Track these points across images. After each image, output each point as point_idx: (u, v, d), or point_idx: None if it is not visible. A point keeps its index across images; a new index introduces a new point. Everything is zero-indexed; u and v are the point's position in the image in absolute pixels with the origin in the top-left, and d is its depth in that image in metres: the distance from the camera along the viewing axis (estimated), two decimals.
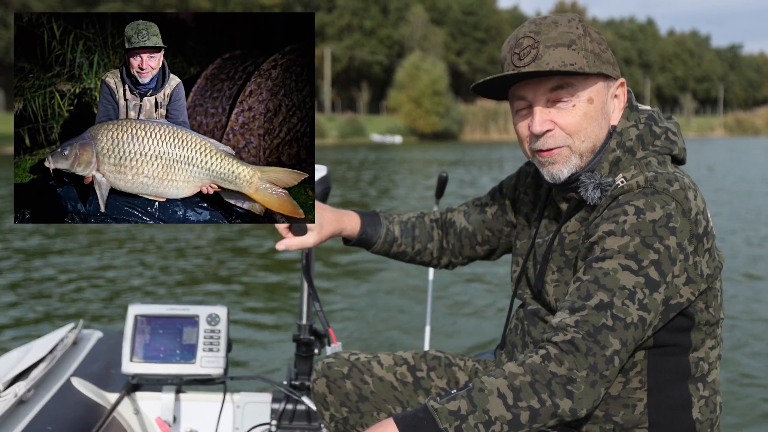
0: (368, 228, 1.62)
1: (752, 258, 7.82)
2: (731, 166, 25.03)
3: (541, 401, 1.12)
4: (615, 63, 1.32)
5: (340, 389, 1.47)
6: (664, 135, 1.33)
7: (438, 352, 1.55)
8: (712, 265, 1.25)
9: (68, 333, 2.11)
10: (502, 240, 1.63)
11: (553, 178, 1.31)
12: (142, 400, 1.99)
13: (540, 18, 1.30)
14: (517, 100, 1.32)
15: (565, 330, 1.15)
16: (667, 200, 1.20)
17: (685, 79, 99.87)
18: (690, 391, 1.29)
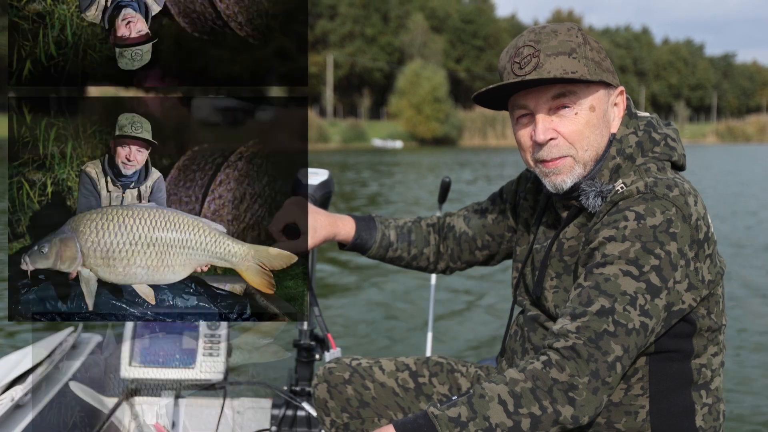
0: (363, 232, 1.61)
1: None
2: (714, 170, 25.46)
3: (542, 408, 1.11)
4: (614, 71, 1.33)
5: (341, 395, 1.46)
6: (663, 141, 1.32)
7: (440, 358, 1.54)
8: (713, 270, 1.24)
9: (67, 337, 2.10)
10: (503, 245, 1.63)
11: (556, 188, 1.31)
12: (140, 405, 1.98)
13: (539, 27, 1.30)
14: (518, 109, 1.32)
15: (567, 336, 1.15)
16: (667, 206, 1.19)
17: (679, 86, 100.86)
18: (693, 398, 1.28)
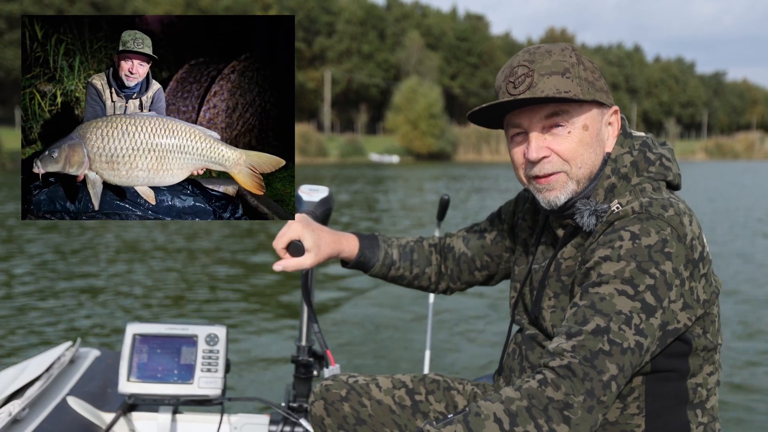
0: (366, 251, 1.62)
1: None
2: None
3: (537, 426, 1.11)
4: (608, 91, 1.34)
5: (338, 412, 1.46)
6: (658, 161, 1.34)
7: (437, 375, 1.55)
8: (708, 290, 1.25)
9: (65, 351, 2.11)
10: (501, 265, 1.64)
11: (549, 204, 1.33)
12: (138, 420, 1.97)
13: (534, 47, 1.32)
14: (512, 128, 1.34)
15: (562, 355, 1.15)
16: (662, 225, 1.21)
17: (670, 104, 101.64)
18: (688, 417, 1.28)
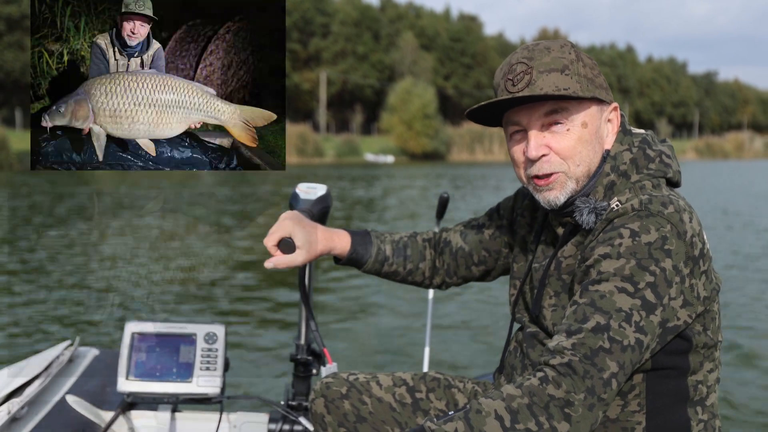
0: (359, 247, 1.62)
1: None
2: None
3: (538, 424, 1.11)
4: (608, 88, 1.34)
5: (338, 409, 1.46)
6: (658, 158, 1.34)
7: (437, 373, 1.55)
8: (708, 287, 1.25)
9: (64, 350, 2.10)
10: (499, 261, 1.63)
11: (549, 204, 1.32)
12: (137, 419, 1.97)
13: (532, 44, 1.32)
14: (511, 126, 1.34)
15: (563, 353, 1.15)
16: (662, 223, 1.20)
17: (662, 104, 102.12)
18: (689, 414, 1.29)
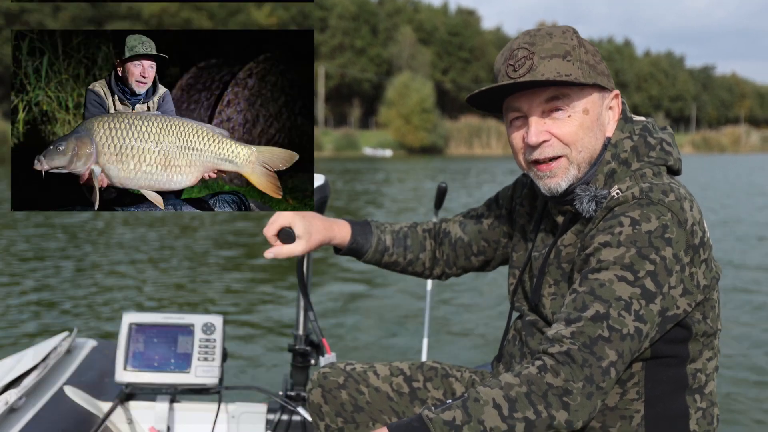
0: (359, 237, 1.61)
1: None
2: None
3: (536, 412, 1.11)
4: (609, 75, 1.33)
5: (336, 399, 1.46)
6: (659, 146, 1.33)
7: (435, 363, 1.54)
8: (708, 275, 1.25)
9: (62, 341, 2.10)
10: (499, 251, 1.63)
11: (551, 191, 1.31)
12: (135, 410, 1.97)
13: (534, 30, 1.30)
14: (512, 112, 1.32)
15: (561, 341, 1.15)
16: (662, 211, 1.20)
17: (659, 98, 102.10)
18: (687, 402, 1.28)
